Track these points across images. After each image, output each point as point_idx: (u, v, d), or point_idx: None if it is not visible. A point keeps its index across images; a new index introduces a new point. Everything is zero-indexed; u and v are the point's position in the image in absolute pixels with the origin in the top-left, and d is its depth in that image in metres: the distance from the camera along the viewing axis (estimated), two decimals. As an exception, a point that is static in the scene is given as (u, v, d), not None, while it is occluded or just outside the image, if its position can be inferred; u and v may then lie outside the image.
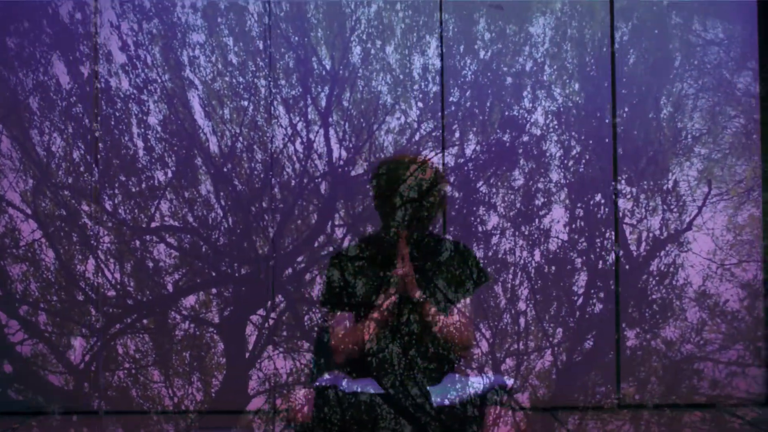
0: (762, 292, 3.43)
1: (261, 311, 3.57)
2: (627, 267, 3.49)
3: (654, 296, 3.47)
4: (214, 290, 3.58)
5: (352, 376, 2.39)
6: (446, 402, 2.30)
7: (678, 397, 3.44)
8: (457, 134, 3.57)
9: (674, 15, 3.47)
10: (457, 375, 2.39)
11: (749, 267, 3.43)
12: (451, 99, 3.57)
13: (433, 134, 3.58)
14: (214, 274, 3.57)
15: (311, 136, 3.60)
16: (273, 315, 3.58)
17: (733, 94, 3.47)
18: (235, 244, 3.56)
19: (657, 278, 3.49)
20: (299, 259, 3.58)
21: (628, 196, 3.51)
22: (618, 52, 3.49)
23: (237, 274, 3.57)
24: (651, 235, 3.49)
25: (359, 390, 2.31)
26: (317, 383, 2.37)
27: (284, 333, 3.57)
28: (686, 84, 3.48)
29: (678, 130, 3.48)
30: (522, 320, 3.52)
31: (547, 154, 3.52)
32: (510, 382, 2.36)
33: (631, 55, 3.48)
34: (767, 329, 3.46)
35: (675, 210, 3.48)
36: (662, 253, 3.47)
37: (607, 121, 3.50)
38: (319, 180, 3.59)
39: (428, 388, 2.34)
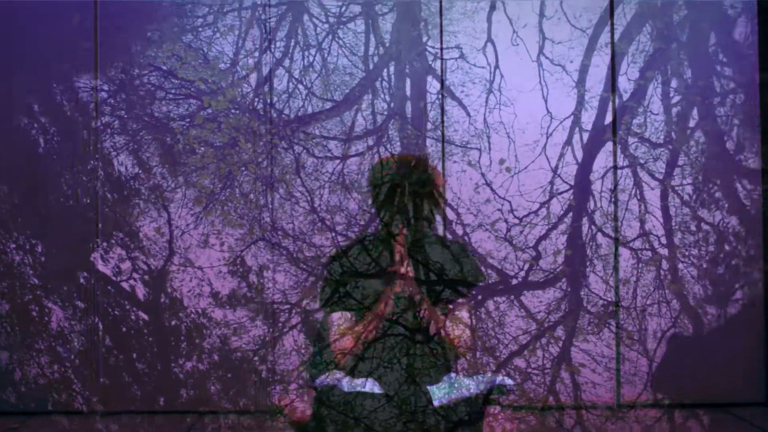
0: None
1: None
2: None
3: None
4: None
5: (352, 375, 2.26)
6: (446, 402, 2.23)
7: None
8: None
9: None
10: (456, 374, 2.32)
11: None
12: None
13: None
14: None
15: None
16: None
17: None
18: None
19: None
20: None
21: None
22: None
23: None
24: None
25: (359, 390, 2.21)
26: (317, 383, 2.22)
27: None
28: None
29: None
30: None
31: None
32: (509, 381, 2.31)
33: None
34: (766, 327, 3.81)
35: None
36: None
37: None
38: None
39: (428, 387, 2.26)
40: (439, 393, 2.33)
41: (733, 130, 3.80)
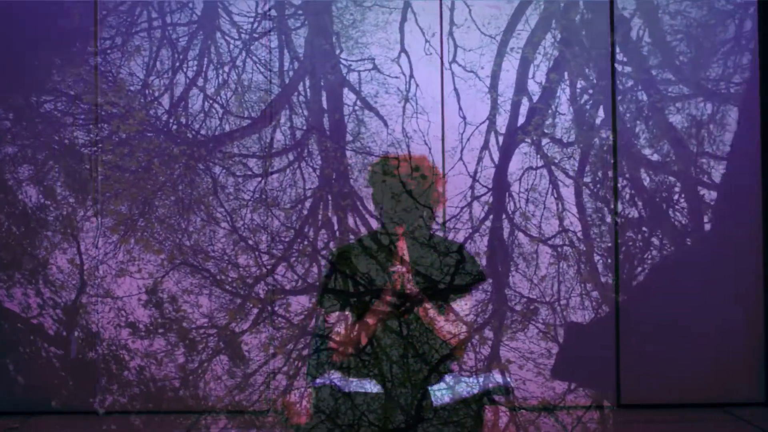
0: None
1: None
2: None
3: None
4: None
5: (351, 375, 2.24)
6: (445, 401, 2.23)
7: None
8: None
9: None
10: (455, 374, 2.30)
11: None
12: None
13: None
14: None
15: None
16: None
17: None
18: None
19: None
20: None
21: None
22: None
23: None
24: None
25: (358, 389, 2.20)
26: (316, 383, 2.22)
27: None
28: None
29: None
30: None
31: None
32: (508, 381, 2.28)
33: None
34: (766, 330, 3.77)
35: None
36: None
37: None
38: None
39: (427, 387, 2.26)
40: (439, 392, 2.32)
41: (636, 125, 3.98)
